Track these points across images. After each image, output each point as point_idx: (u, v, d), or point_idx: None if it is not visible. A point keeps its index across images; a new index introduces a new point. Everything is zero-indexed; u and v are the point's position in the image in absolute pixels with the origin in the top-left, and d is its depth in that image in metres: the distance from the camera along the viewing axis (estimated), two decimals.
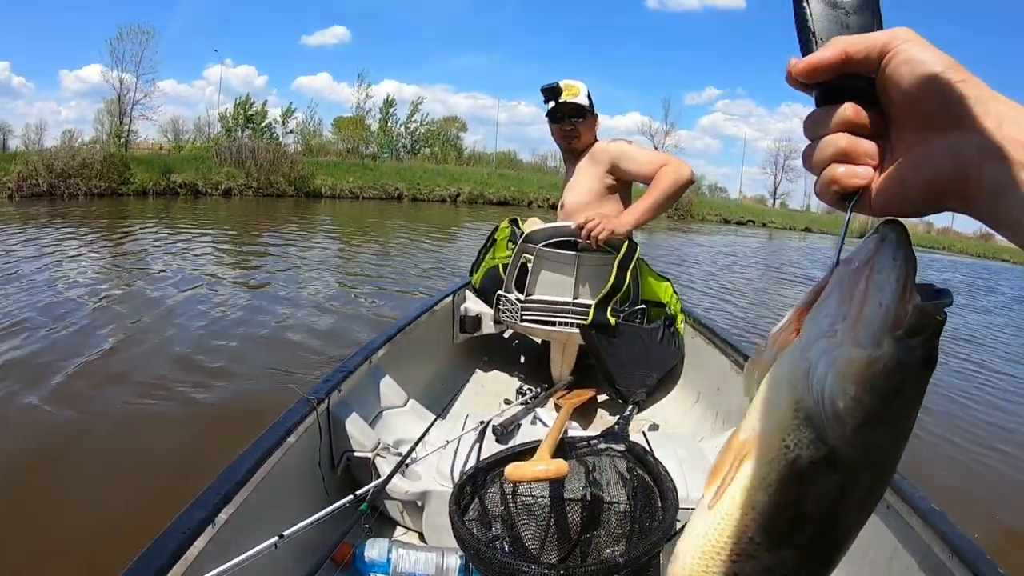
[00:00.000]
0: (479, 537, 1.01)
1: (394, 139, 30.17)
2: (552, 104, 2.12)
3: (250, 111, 26.95)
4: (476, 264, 2.47)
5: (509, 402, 1.92)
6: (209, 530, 0.89)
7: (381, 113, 29.38)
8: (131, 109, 23.74)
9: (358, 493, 1.21)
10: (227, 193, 17.75)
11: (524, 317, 2.07)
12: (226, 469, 1.02)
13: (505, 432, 1.53)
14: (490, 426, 1.52)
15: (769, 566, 0.31)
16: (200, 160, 19.04)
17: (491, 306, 2.21)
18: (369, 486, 1.24)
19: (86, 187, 14.54)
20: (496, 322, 2.22)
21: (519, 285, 2.10)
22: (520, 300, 2.07)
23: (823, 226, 29.53)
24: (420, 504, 1.36)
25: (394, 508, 1.43)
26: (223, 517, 0.93)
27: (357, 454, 1.42)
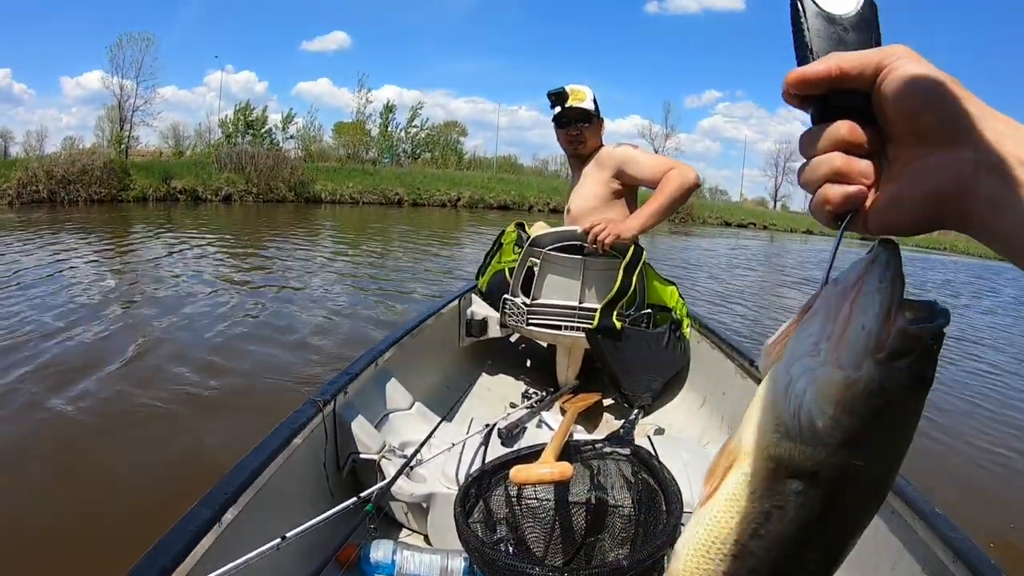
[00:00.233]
0: (484, 539, 1.00)
1: (394, 144, 30.13)
2: (558, 109, 2.11)
3: (250, 117, 26.96)
4: (482, 268, 2.47)
5: (515, 405, 1.92)
6: (215, 530, 0.89)
7: (381, 118, 29.33)
8: (131, 115, 23.74)
9: (363, 494, 1.20)
10: (227, 199, 17.79)
11: (530, 321, 2.07)
12: (232, 469, 1.02)
13: (510, 435, 1.52)
14: (495, 429, 1.52)
15: (755, 568, 0.31)
16: (200, 166, 19.05)
17: (497, 310, 2.21)
18: (374, 487, 1.24)
19: (86, 193, 14.59)
20: (502, 326, 2.22)
21: (525, 289, 2.10)
22: (526, 304, 2.07)
23: (824, 229, 29.40)
24: (425, 506, 1.36)
25: (399, 510, 1.43)
26: (229, 517, 0.93)
27: (362, 456, 1.42)
